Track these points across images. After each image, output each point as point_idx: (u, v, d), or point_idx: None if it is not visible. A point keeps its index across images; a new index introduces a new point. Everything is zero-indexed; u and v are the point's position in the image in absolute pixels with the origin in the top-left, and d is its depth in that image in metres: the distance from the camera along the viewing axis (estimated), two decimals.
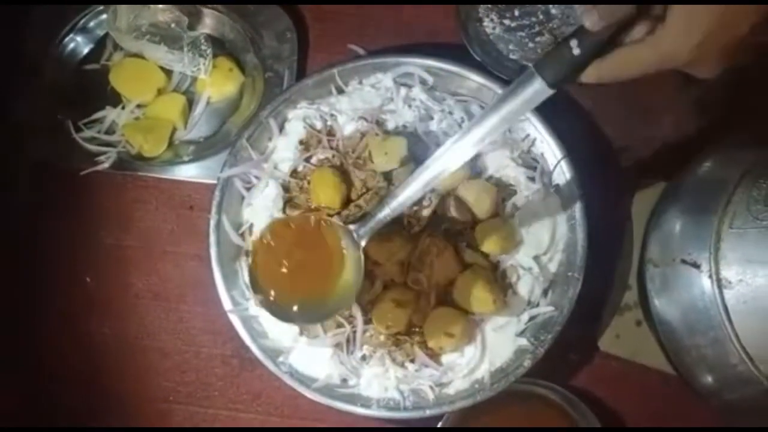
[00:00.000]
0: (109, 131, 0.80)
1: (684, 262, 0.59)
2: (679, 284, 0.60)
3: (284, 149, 0.74)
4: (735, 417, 0.66)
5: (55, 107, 0.80)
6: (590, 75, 0.49)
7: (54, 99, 0.81)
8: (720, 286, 0.55)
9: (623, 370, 0.75)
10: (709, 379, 0.60)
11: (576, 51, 0.46)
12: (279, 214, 0.72)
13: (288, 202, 0.73)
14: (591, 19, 0.45)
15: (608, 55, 0.47)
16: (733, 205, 0.56)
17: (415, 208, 0.68)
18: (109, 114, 0.80)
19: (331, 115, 0.75)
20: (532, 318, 0.71)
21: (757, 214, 0.54)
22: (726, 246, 0.55)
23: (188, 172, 0.78)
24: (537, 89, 0.51)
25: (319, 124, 0.75)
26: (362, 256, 0.61)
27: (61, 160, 0.78)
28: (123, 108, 0.80)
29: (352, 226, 0.62)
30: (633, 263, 0.76)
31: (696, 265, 0.57)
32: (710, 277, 0.56)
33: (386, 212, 0.60)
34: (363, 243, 0.62)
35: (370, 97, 0.76)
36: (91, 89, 0.81)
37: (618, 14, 0.44)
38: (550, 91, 0.50)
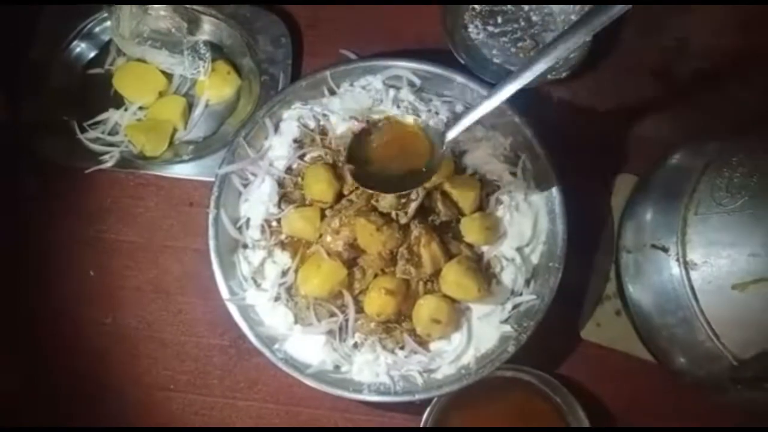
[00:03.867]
0: (113, 132, 0.84)
1: (654, 246, 0.62)
2: (650, 268, 0.64)
3: (279, 147, 0.78)
4: (706, 395, 0.70)
5: (61, 109, 0.84)
6: None
7: (60, 101, 0.85)
8: (687, 268, 0.59)
9: (603, 357, 0.78)
10: (680, 357, 0.64)
11: None
12: (274, 209, 0.76)
13: (283, 197, 0.77)
14: None
15: None
16: (698, 193, 0.60)
17: (403, 200, 0.72)
18: (113, 115, 0.84)
19: (324, 115, 0.79)
20: (515, 306, 0.74)
21: (720, 200, 0.58)
22: (692, 230, 0.59)
23: (187, 170, 0.82)
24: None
25: (312, 124, 0.79)
26: (446, 153, 0.68)
27: (66, 159, 0.82)
28: (126, 110, 0.84)
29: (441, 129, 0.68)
30: (613, 255, 0.79)
31: (665, 249, 0.61)
32: (677, 259, 0.60)
33: (470, 118, 0.65)
34: (448, 139, 0.67)
35: (361, 98, 0.80)
36: (96, 92, 0.86)
37: None
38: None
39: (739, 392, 0.61)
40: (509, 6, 0.88)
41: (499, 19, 0.88)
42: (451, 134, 0.67)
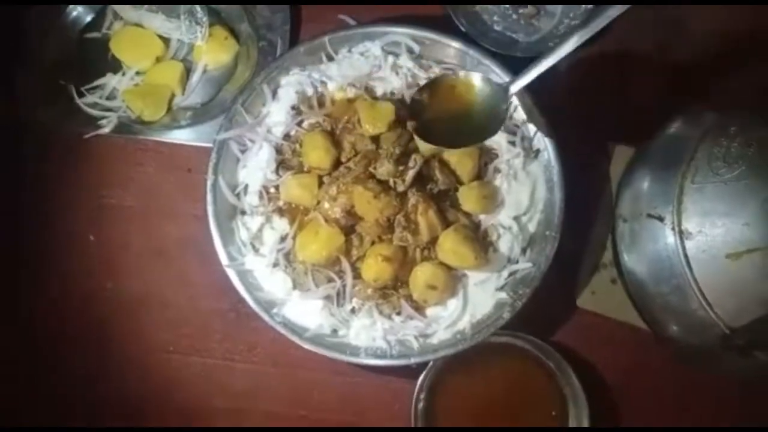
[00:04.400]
0: (111, 97, 0.84)
1: (650, 216, 0.63)
2: (646, 237, 0.64)
3: (277, 114, 0.78)
4: (696, 364, 0.71)
5: (59, 74, 0.84)
6: None
7: (57, 66, 0.84)
8: (682, 237, 0.59)
9: (598, 325, 0.79)
10: (674, 325, 0.65)
11: None
12: (272, 176, 0.76)
13: (281, 164, 0.77)
14: None
15: None
16: (695, 162, 0.60)
17: (401, 168, 0.72)
18: (110, 80, 0.83)
19: (322, 81, 0.79)
20: (511, 274, 0.75)
21: (716, 170, 0.58)
22: (688, 199, 0.59)
23: (186, 135, 0.82)
24: None
25: (310, 90, 0.79)
26: (510, 107, 0.70)
27: (64, 125, 0.82)
28: (123, 75, 0.83)
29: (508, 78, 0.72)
30: (610, 224, 0.80)
31: (660, 218, 0.61)
32: (673, 228, 0.60)
33: (536, 70, 0.67)
34: (513, 92, 0.69)
35: (360, 64, 0.79)
36: (93, 57, 0.85)
37: None
38: None
39: (730, 360, 0.62)
40: None
41: None
42: (515, 87, 0.68)
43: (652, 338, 0.76)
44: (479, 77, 0.70)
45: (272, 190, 0.77)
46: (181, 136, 0.82)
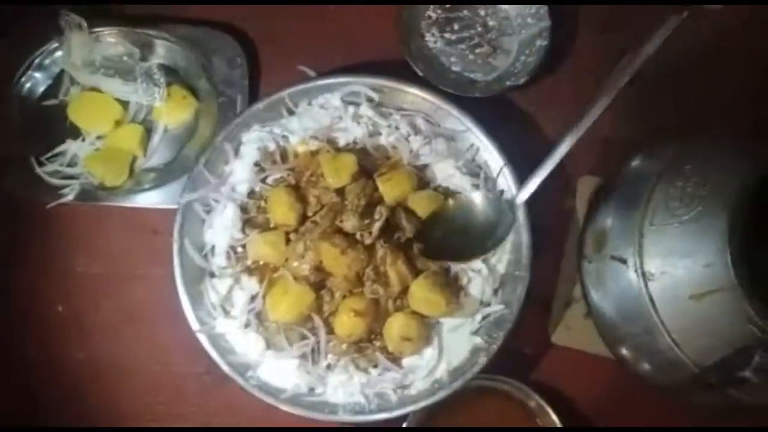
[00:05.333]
0: (71, 164, 0.82)
1: (613, 258, 0.63)
2: (611, 278, 0.64)
3: (240, 172, 0.77)
4: (673, 396, 0.71)
5: (19, 143, 0.82)
6: None
7: (16, 136, 0.83)
8: (645, 279, 0.59)
9: (575, 360, 0.79)
10: (644, 364, 0.65)
11: None
12: (239, 235, 0.76)
13: (247, 222, 0.77)
14: None
15: None
16: (653, 203, 0.60)
17: (367, 221, 0.72)
18: (70, 147, 0.82)
19: (283, 136, 0.79)
20: (485, 317, 0.75)
21: (674, 211, 0.59)
22: (648, 241, 0.60)
23: (150, 199, 0.81)
24: None
25: (272, 146, 0.78)
26: (516, 218, 0.74)
27: (27, 194, 0.81)
28: (83, 140, 0.82)
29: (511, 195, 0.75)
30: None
31: (623, 261, 0.62)
32: (636, 271, 0.60)
33: (539, 175, 0.72)
34: (520, 202, 0.74)
35: (320, 116, 0.79)
36: (52, 124, 0.83)
37: None
38: None
39: (703, 396, 0.62)
40: (465, 12, 0.87)
41: (456, 26, 0.87)
42: (522, 197, 0.73)
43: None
44: (481, 197, 0.75)
45: (239, 249, 0.76)
46: (145, 199, 0.81)
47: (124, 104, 0.84)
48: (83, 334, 0.80)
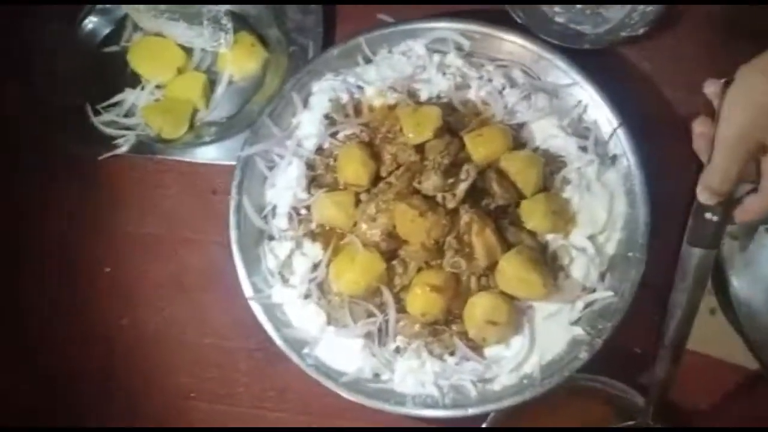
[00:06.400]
0: (129, 114, 0.77)
1: None
2: (764, 257, 0.51)
3: (308, 125, 0.69)
4: None
5: (74, 92, 0.77)
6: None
7: (73, 84, 0.78)
8: None
9: (697, 366, 0.66)
10: None
11: (715, 219, 0.53)
12: (303, 195, 0.67)
13: (313, 181, 0.68)
14: (704, 196, 0.53)
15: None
16: None
17: (450, 180, 0.61)
18: (129, 96, 0.77)
19: (359, 86, 0.70)
20: (588, 305, 0.63)
21: None
22: None
23: (210, 153, 0.74)
24: (702, 256, 0.55)
25: (345, 97, 0.69)
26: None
27: (79, 145, 0.75)
28: (142, 89, 0.76)
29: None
30: None
31: None
32: None
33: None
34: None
35: (401, 65, 0.70)
36: (111, 72, 0.78)
37: (724, 190, 0.52)
38: (713, 252, 0.56)
39: None
40: None
41: None
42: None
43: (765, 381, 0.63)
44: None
45: (303, 211, 0.67)
46: (204, 154, 0.74)
47: (188, 51, 0.77)
48: (129, 299, 0.73)
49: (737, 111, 0.51)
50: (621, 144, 0.66)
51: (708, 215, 0.53)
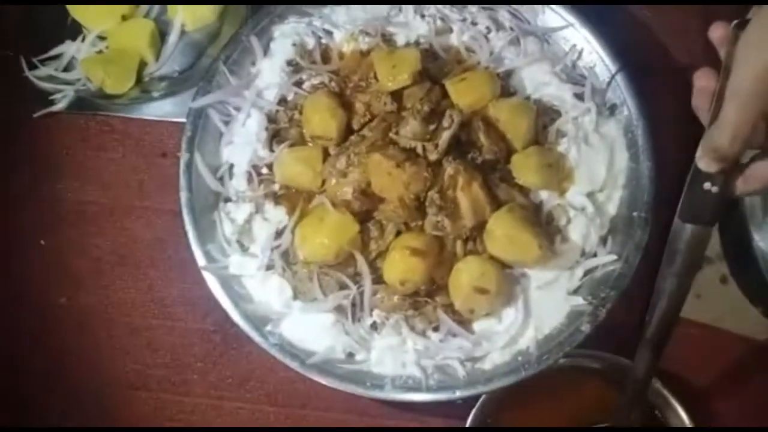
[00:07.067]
0: (69, 68, 0.68)
1: None
2: None
3: (270, 73, 0.61)
4: None
5: (7, 43, 0.68)
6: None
7: (6, 34, 0.69)
8: None
9: (707, 339, 0.61)
10: None
11: (714, 189, 0.46)
12: (264, 152, 0.59)
13: (275, 136, 0.60)
14: (705, 162, 0.45)
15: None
16: None
17: (432, 127, 0.54)
18: (68, 48, 0.68)
19: (326, 30, 0.62)
20: (588, 272, 0.57)
21: None
22: None
23: (159, 110, 0.66)
24: (696, 234, 0.47)
25: (311, 42, 0.62)
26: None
27: (10, 102, 0.66)
28: (83, 40, 0.68)
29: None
30: None
31: None
32: None
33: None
34: None
35: (374, 6, 0.62)
36: (50, 22, 0.70)
37: (734, 150, 0.44)
38: (709, 231, 0.48)
39: None
40: None
41: None
42: None
43: None
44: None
45: (264, 170, 0.59)
46: (152, 110, 0.66)
47: None
48: (68, 276, 0.64)
49: (755, 55, 0.43)
50: (621, 91, 0.59)
51: (707, 185, 0.45)
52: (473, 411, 0.56)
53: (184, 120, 0.62)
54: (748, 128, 0.43)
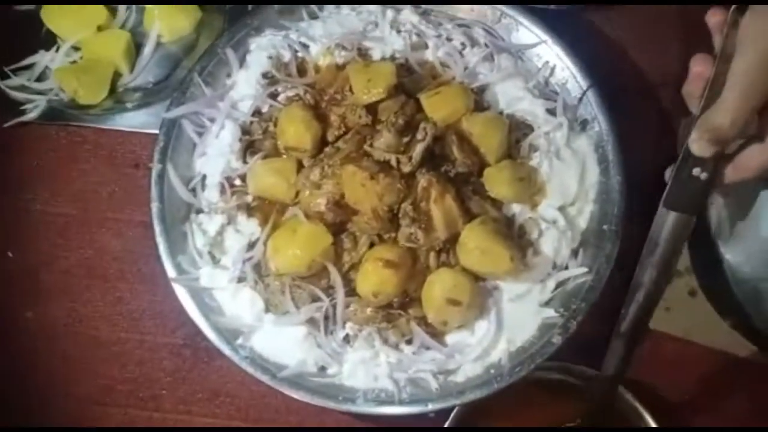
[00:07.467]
0: (42, 78, 0.68)
1: None
2: (761, 216, 0.45)
3: (245, 85, 0.61)
4: None
5: None
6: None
7: None
8: None
9: (678, 352, 0.61)
10: None
11: (703, 176, 0.46)
12: (237, 163, 0.59)
13: (249, 148, 0.59)
14: (700, 145, 0.45)
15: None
16: None
17: (406, 139, 0.54)
18: (42, 58, 0.68)
19: (302, 44, 0.62)
20: (559, 284, 0.57)
21: None
22: None
23: (132, 121, 0.66)
24: (679, 222, 0.48)
25: (287, 55, 0.62)
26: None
27: None
28: (57, 50, 0.67)
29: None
30: None
31: None
32: None
33: None
34: None
35: (350, 21, 0.63)
36: (24, 32, 0.69)
37: (733, 133, 0.44)
38: (692, 220, 0.48)
39: None
40: None
41: None
42: None
43: (753, 368, 0.58)
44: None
45: (238, 182, 0.59)
46: (126, 122, 0.65)
47: (111, 10, 0.68)
48: (35, 289, 0.63)
49: (760, 37, 0.43)
50: (592, 108, 0.60)
51: (696, 171, 0.46)
52: (446, 424, 0.55)
53: (156, 131, 0.62)
54: (749, 113, 0.44)
